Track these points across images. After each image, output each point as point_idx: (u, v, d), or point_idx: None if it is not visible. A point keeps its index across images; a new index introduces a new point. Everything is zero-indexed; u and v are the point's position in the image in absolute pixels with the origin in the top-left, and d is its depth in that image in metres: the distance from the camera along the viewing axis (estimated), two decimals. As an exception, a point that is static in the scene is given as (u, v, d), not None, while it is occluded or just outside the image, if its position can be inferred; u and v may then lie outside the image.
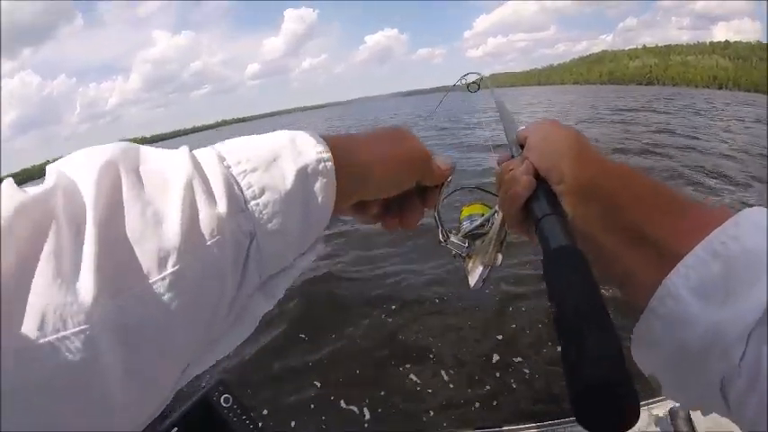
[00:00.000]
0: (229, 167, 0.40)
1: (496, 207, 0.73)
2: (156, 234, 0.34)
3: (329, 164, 0.45)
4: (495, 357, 3.57)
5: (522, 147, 0.61)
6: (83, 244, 0.31)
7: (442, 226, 0.72)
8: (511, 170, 0.56)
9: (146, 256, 0.33)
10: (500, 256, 0.70)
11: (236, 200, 0.39)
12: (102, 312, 0.29)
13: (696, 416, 1.39)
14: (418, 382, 3.45)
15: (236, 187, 0.40)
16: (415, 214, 0.60)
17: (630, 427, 0.32)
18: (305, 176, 0.43)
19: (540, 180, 0.53)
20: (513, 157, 0.62)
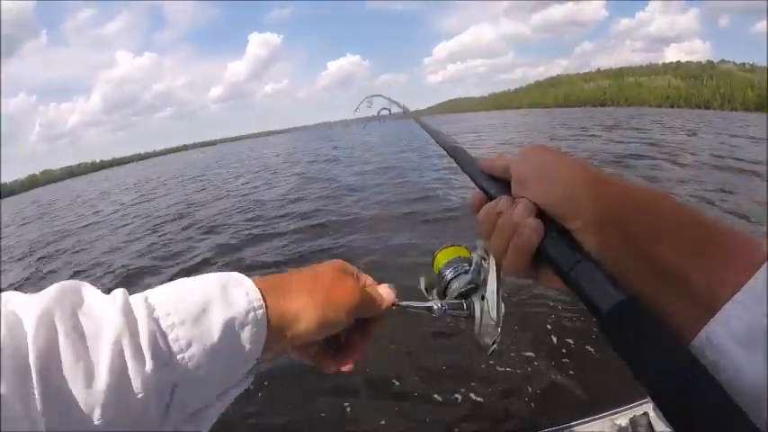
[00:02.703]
0: (158, 320, 0.43)
1: (479, 251, 0.63)
2: (86, 388, 0.37)
3: (260, 312, 0.47)
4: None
5: (495, 179, 0.54)
6: (29, 394, 0.35)
7: (430, 305, 0.64)
8: (500, 212, 0.49)
9: (77, 407, 0.36)
10: (503, 306, 0.60)
11: (162, 355, 0.41)
12: None
13: (657, 422, 1.35)
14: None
15: (161, 342, 0.41)
16: (354, 352, 0.58)
17: None
18: (233, 328, 0.45)
19: (544, 219, 0.46)
20: (487, 194, 0.54)
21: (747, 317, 0.33)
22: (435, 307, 0.63)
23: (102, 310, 0.42)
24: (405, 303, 0.62)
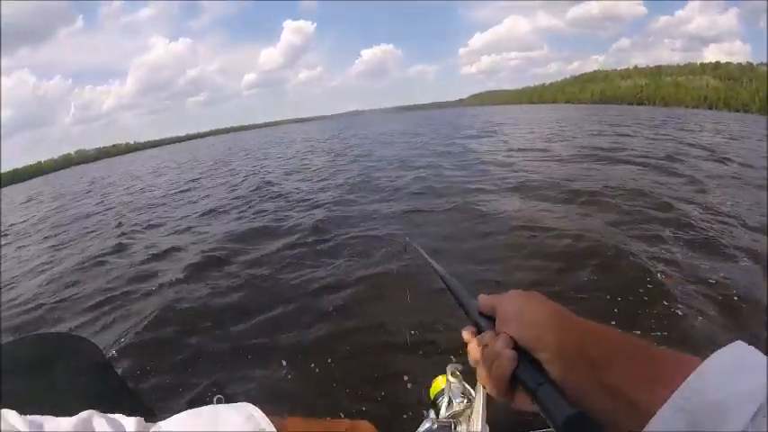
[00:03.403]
0: None
1: (453, 378, 0.76)
2: None
3: None
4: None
5: (484, 316, 0.64)
6: None
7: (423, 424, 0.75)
8: (486, 345, 0.59)
9: None
10: (487, 427, 0.70)
11: None
12: None
13: None
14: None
15: None
16: None
17: None
18: None
19: (519, 350, 0.55)
20: (478, 328, 0.64)
21: (670, 427, 0.41)
22: (426, 427, 0.72)
23: None
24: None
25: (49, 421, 0.45)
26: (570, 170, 11.35)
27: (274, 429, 0.51)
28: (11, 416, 0.44)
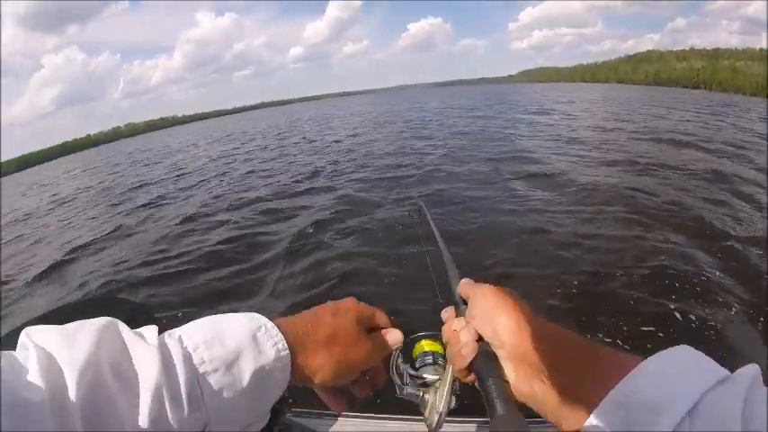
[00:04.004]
0: (195, 368, 0.48)
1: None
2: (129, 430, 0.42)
3: (286, 363, 0.55)
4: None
5: (462, 299, 0.70)
6: None
7: (398, 382, 0.75)
8: (455, 330, 0.65)
9: None
10: (454, 399, 0.71)
11: (197, 401, 0.47)
12: None
13: None
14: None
15: (197, 390, 0.47)
16: (364, 391, 0.70)
17: None
18: (261, 376, 0.52)
19: (482, 341, 0.61)
20: (456, 310, 0.71)
21: (608, 420, 0.45)
22: (398, 391, 0.74)
23: (141, 356, 0.46)
24: (397, 364, 0.77)
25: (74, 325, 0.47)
26: (647, 149, 11.29)
27: (274, 325, 0.56)
28: (35, 331, 0.46)
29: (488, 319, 0.61)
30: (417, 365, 0.78)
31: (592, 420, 0.47)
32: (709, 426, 0.39)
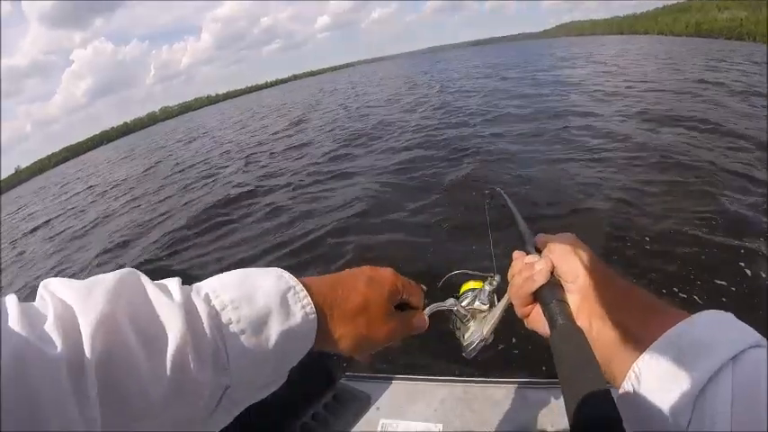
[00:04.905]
0: (221, 327, 0.46)
1: (491, 284, 0.82)
2: (147, 391, 0.40)
3: (312, 329, 0.54)
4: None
5: (537, 250, 0.72)
6: (85, 395, 0.36)
7: (443, 303, 0.78)
8: (529, 262, 0.68)
9: (136, 408, 0.39)
10: (492, 335, 0.76)
11: (221, 362, 0.46)
12: None
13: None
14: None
15: (222, 351, 0.46)
16: (366, 357, 0.65)
17: None
18: (286, 339, 0.51)
19: (552, 275, 0.65)
20: (527, 253, 0.72)
21: (661, 355, 0.49)
22: (449, 302, 0.78)
23: (165, 312, 0.44)
24: (433, 307, 0.75)
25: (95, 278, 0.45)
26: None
27: (303, 287, 0.55)
28: (54, 282, 0.44)
29: (568, 254, 0.65)
30: (461, 300, 0.80)
31: (645, 356, 0.51)
32: (747, 376, 0.43)
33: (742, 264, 3.69)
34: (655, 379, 0.50)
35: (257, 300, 0.50)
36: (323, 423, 1.58)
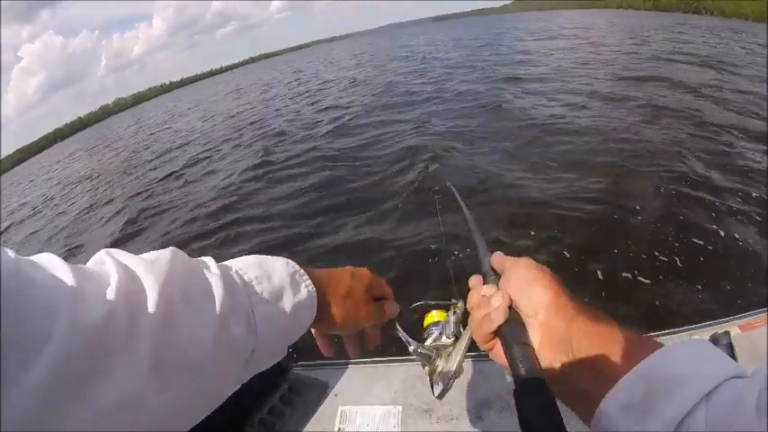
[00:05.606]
0: (251, 296, 0.57)
1: (453, 315, 0.81)
2: (195, 349, 0.47)
3: (314, 303, 0.65)
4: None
5: (493, 271, 0.71)
6: (139, 350, 0.42)
7: (408, 340, 0.78)
8: (486, 295, 0.66)
9: (182, 363, 0.46)
10: (463, 366, 0.75)
11: (252, 326, 0.55)
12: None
13: (738, 341, 1.37)
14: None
15: (252, 317, 0.55)
16: (355, 350, 0.81)
17: None
18: (297, 311, 0.62)
19: (511, 309, 0.62)
20: (484, 279, 0.72)
21: (630, 391, 0.47)
22: (412, 348, 0.77)
23: (207, 282, 0.53)
24: (399, 331, 0.80)
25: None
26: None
27: (305, 272, 0.65)
28: (116, 251, 0.51)
29: (526, 287, 0.63)
30: (425, 336, 0.82)
31: (612, 395, 0.48)
32: (724, 410, 0.41)
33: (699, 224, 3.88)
34: (623, 419, 0.47)
35: (274, 278, 0.61)
36: (280, 416, 1.56)
